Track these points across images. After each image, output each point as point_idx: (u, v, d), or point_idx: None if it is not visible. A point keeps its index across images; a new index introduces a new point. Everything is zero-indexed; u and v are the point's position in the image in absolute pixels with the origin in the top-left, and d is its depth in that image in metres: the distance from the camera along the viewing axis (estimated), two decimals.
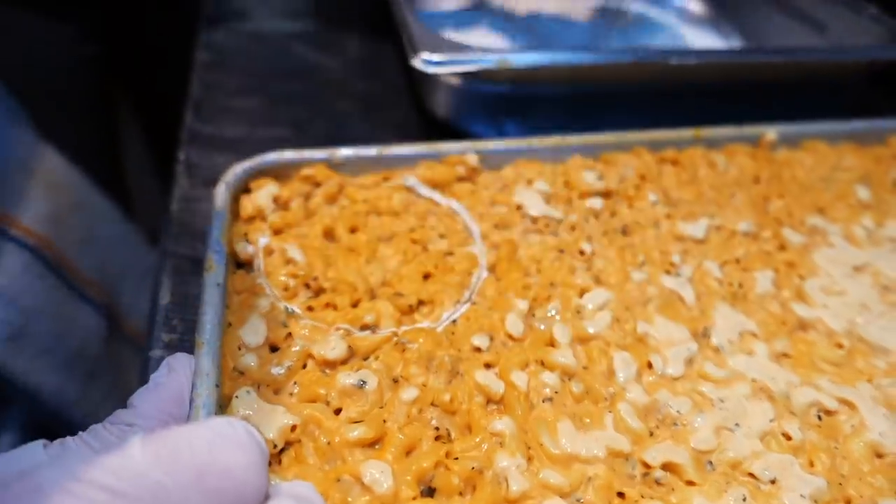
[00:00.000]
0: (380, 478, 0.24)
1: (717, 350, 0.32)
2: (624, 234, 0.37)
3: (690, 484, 0.27)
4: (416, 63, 0.41)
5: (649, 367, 0.31)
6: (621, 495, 0.26)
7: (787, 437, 0.29)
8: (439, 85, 0.46)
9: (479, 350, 0.30)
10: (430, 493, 0.25)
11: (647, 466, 0.27)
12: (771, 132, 0.43)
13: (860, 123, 0.46)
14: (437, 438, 0.27)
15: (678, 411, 0.29)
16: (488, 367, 0.29)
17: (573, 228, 0.37)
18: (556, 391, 0.29)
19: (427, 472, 0.25)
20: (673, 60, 0.44)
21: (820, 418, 0.30)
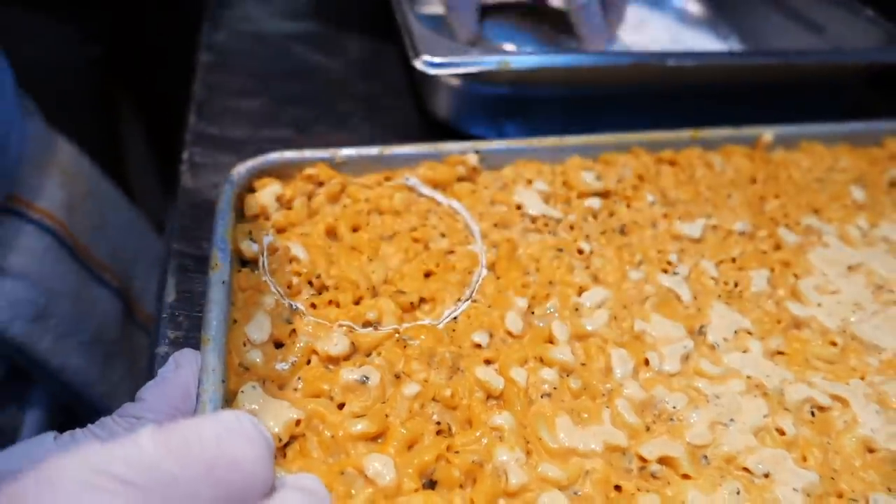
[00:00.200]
0: (382, 471, 0.25)
1: (712, 347, 0.33)
2: (622, 234, 0.37)
3: (686, 477, 0.27)
4: (417, 64, 0.42)
5: (646, 363, 0.31)
6: (618, 488, 0.27)
7: (781, 433, 0.29)
8: (440, 86, 0.46)
9: (479, 347, 0.31)
10: (431, 485, 0.26)
11: (644, 460, 0.28)
12: (768, 133, 0.43)
13: (856, 125, 0.46)
14: (439, 433, 0.27)
15: (674, 407, 0.30)
16: (488, 363, 0.30)
17: (572, 228, 0.37)
18: (554, 387, 0.29)
19: (428, 466, 0.26)
20: (671, 62, 0.45)
21: (813, 414, 0.30)
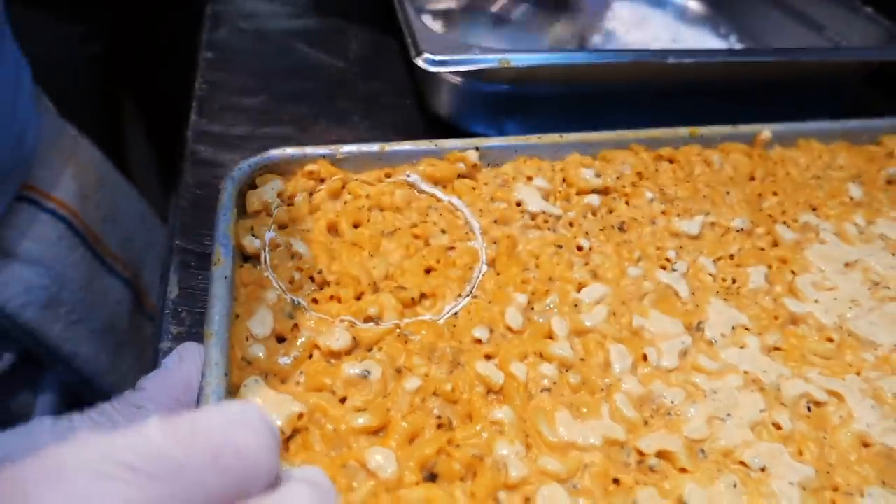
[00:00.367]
0: (384, 464, 0.25)
1: (710, 343, 0.33)
2: (621, 231, 0.38)
3: (683, 471, 0.28)
4: (418, 62, 0.42)
5: (644, 359, 0.32)
6: (616, 482, 0.27)
7: (777, 427, 0.30)
8: (441, 84, 0.47)
9: (479, 342, 0.31)
10: (432, 478, 0.26)
11: (642, 454, 0.28)
12: (766, 131, 0.44)
13: (854, 123, 0.46)
14: (439, 426, 0.28)
15: (672, 402, 0.30)
16: (488, 358, 0.30)
17: (571, 224, 0.38)
18: (554, 382, 0.30)
19: (429, 459, 0.26)
20: (671, 60, 0.45)
21: (809, 409, 0.31)
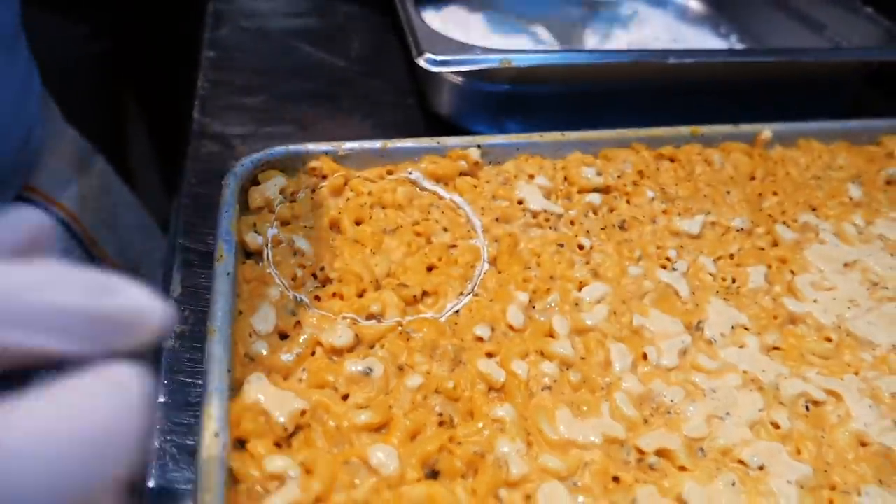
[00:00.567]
0: (386, 461, 0.25)
1: (709, 342, 0.33)
2: (622, 230, 0.38)
3: (682, 469, 0.28)
4: (419, 62, 0.42)
5: (644, 358, 0.32)
6: (616, 479, 0.27)
7: (776, 426, 0.30)
8: (442, 84, 0.47)
9: (481, 340, 0.31)
10: (433, 475, 0.26)
11: (642, 452, 0.28)
12: (766, 130, 0.44)
13: (854, 123, 0.47)
14: (441, 424, 0.28)
15: (671, 400, 0.30)
16: (490, 356, 0.31)
17: (572, 223, 0.38)
18: (554, 380, 0.30)
19: (431, 456, 0.26)
20: (671, 60, 0.45)
21: (807, 408, 0.31)
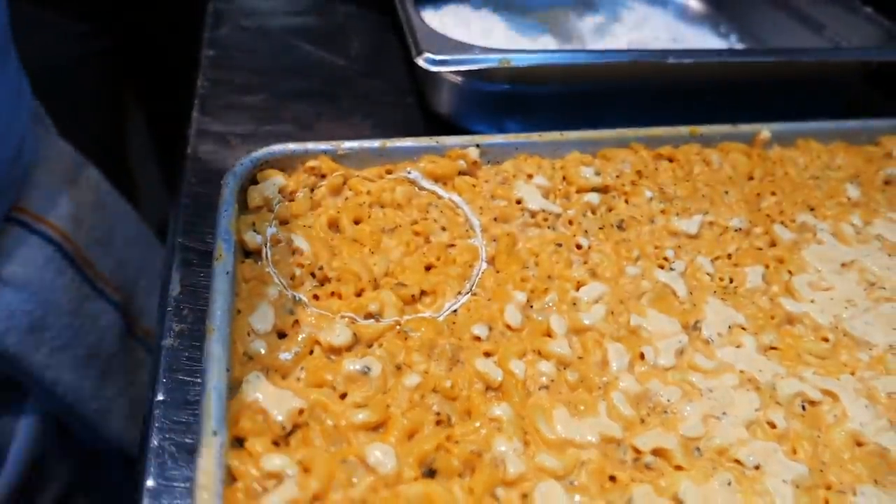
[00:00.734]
0: (383, 459, 0.25)
1: (706, 342, 0.33)
2: (620, 229, 0.38)
3: (679, 469, 0.28)
4: (419, 62, 0.42)
5: (641, 357, 0.32)
6: (613, 479, 0.27)
7: (772, 426, 0.30)
8: (441, 83, 0.47)
9: (478, 339, 0.31)
10: (430, 474, 0.26)
11: (638, 452, 0.28)
12: (765, 131, 0.44)
13: (852, 123, 0.47)
14: (438, 423, 0.28)
15: (668, 400, 0.30)
16: (487, 355, 0.31)
17: (571, 223, 0.38)
18: (552, 379, 0.30)
19: (428, 455, 0.26)
20: (671, 60, 0.45)
21: (804, 408, 0.31)
